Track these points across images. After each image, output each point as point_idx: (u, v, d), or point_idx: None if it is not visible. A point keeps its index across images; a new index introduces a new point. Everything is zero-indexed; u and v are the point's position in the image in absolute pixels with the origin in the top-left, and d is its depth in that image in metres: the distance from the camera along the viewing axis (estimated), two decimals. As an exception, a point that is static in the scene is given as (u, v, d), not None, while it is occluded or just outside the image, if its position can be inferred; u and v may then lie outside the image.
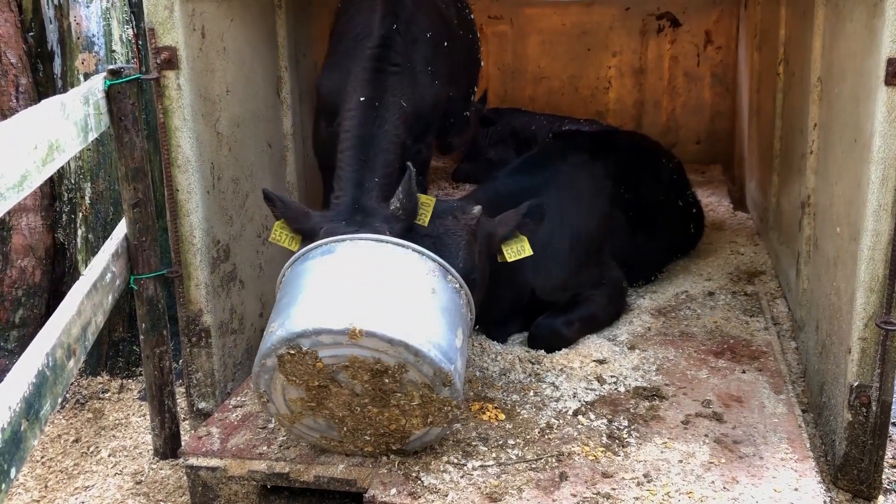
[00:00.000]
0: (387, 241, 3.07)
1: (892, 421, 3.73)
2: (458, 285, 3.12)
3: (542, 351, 3.96)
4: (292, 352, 2.84)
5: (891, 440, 3.65)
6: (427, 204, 3.46)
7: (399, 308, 2.89)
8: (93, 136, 3.09)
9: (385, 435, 3.04)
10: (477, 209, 3.54)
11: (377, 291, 2.92)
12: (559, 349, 3.98)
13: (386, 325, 2.80)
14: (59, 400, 2.56)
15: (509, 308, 4.13)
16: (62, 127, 2.72)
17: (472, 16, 4.86)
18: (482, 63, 5.02)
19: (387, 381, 2.88)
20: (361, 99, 3.54)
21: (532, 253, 3.67)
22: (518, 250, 3.67)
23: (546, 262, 4.09)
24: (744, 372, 3.72)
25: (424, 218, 3.45)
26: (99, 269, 3.16)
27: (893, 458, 3.58)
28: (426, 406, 2.94)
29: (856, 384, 3.08)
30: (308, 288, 2.97)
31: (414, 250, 3.06)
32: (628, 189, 4.60)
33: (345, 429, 3.03)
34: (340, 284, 2.95)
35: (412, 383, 2.89)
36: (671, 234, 4.92)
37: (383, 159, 3.47)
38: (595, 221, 4.35)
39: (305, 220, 3.34)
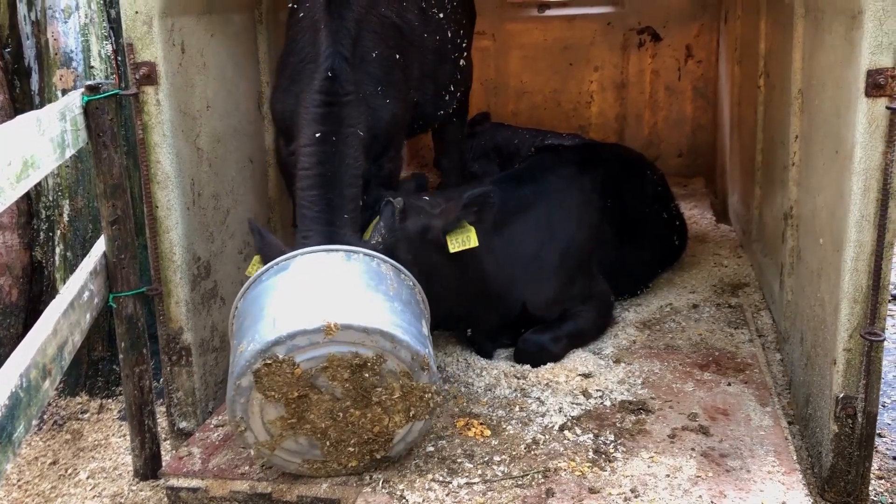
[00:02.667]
0: (337, 250, 3.12)
1: (878, 432, 3.73)
2: (411, 283, 3.21)
3: (528, 366, 3.94)
4: (269, 362, 2.81)
5: (877, 451, 3.65)
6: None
7: (366, 302, 2.95)
8: (70, 152, 3.04)
9: (369, 442, 3.01)
10: (398, 201, 3.48)
11: (341, 292, 2.98)
12: (545, 364, 3.95)
13: (359, 316, 2.85)
14: (34, 422, 2.50)
15: (497, 321, 4.10)
16: (37, 143, 2.68)
17: (451, 12, 4.57)
18: (466, 50, 4.81)
19: (367, 375, 2.89)
20: (317, 135, 3.44)
21: (477, 244, 3.59)
22: (463, 241, 3.59)
23: (537, 275, 4.07)
24: (729, 384, 3.70)
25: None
26: (76, 287, 3.11)
27: (880, 469, 3.57)
28: (407, 397, 2.96)
29: (841, 396, 3.08)
30: (271, 303, 2.98)
31: (366, 254, 3.13)
32: (615, 202, 4.60)
33: (328, 443, 2.99)
34: (305, 292, 2.98)
35: (392, 374, 2.92)
36: (656, 246, 4.93)
37: (349, 194, 3.42)
38: (584, 235, 4.34)
39: (280, 255, 3.23)
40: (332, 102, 3.49)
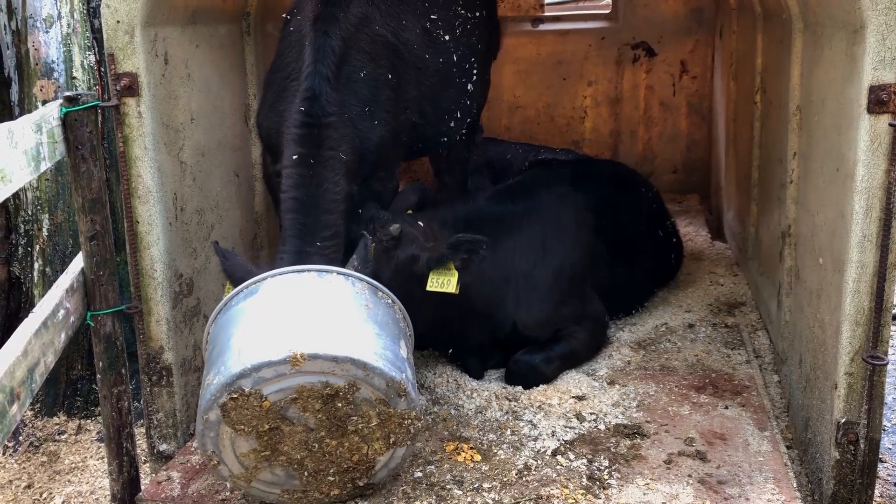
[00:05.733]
0: (308, 270, 3.01)
1: (879, 457, 3.64)
2: (390, 300, 3.08)
3: (520, 387, 3.84)
4: (234, 395, 2.70)
5: (878, 477, 3.55)
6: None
7: (337, 328, 2.83)
8: (46, 165, 2.94)
9: (349, 470, 2.89)
10: (395, 228, 3.41)
11: (311, 317, 2.85)
12: (537, 385, 3.85)
13: (327, 344, 2.72)
14: (0, 449, 2.39)
15: (488, 340, 4.00)
16: (9, 156, 2.57)
17: (462, 35, 4.43)
18: (478, 76, 4.72)
19: (340, 405, 2.76)
20: (294, 157, 3.36)
21: (457, 292, 3.45)
22: (441, 283, 3.45)
23: (528, 294, 3.97)
24: (726, 407, 3.61)
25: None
26: (51, 305, 2.99)
27: (881, 496, 3.49)
28: (386, 424, 2.83)
29: (843, 421, 2.99)
30: (238, 332, 2.86)
31: (338, 273, 3.02)
32: (609, 219, 4.51)
33: (306, 473, 2.87)
34: (272, 318, 2.87)
35: (367, 402, 2.79)
36: (651, 264, 4.84)
37: (325, 221, 3.32)
38: (578, 253, 4.24)
39: (245, 275, 3.14)
40: (311, 124, 3.40)
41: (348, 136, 3.50)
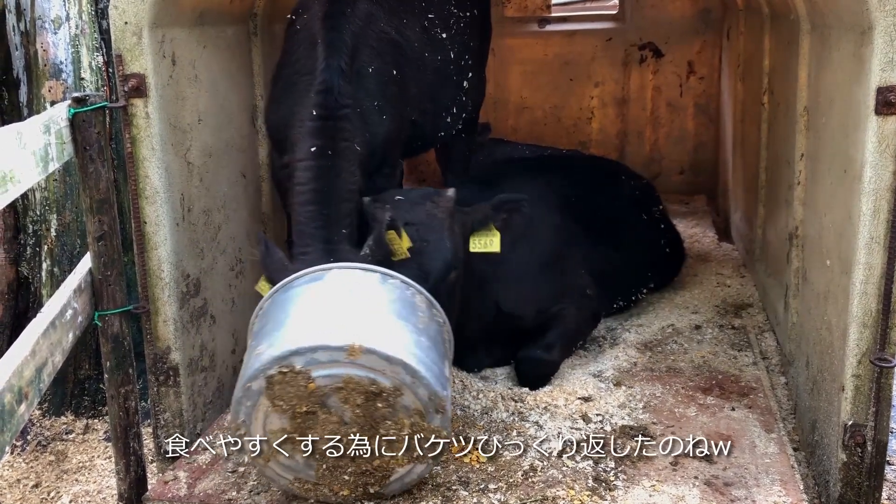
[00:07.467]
0: (375, 271, 3.04)
1: (887, 460, 3.62)
2: (441, 320, 3.11)
3: (526, 388, 3.84)
4: (284, 370, 2.71)
5: (885, 480, 3.54)
6: (395, 240, 3.39)
7: (395, 331, 2.85)
8: (54, 166, 2.95)
9: (365, 474, 2.89)
10: (451, 191, 3.49)
11: (372, 315, 2.89)
12: (550, 376, 3.89)
13: (385, 343, 2.76)
14: (8, 448, 2.40)
15: (477, 327, 3.99)
16: (18, 157, 2.58)
17: (457, 33, 4.52)
18: (473, 74, 4.75)
19: (380, 405, 2.78)
20: (312, 149, 3.39)
21: (500, 251, 3.57)
22: (485, 243, 3.55)
23: (507, 274, 4.02)
24: (733, 409, 3.60)
25: (400, 252, 3.37)
26: (58, 305, 3.00)
27: (888, 498, 3.47)
28: (415, 436, 2.84)
29: (850, 423, 2.98)
30: (297, 311, 2.90)
31: (402, 281, 3.05)
32: (580, 200, 4.61)
33: (324, 466, 2.87)
34: (334, 306, 2.90)
35: (405, 410, 2.80)
36: (642, 250, 4.85)
37: (346, 210, 3.37)
38: (550, 233, 4.32)
39: (282, 273, 3.17)
40: (327, 116, 3.44)
41: (360, 129, 3.54)
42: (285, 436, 2.83)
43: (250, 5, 4.17)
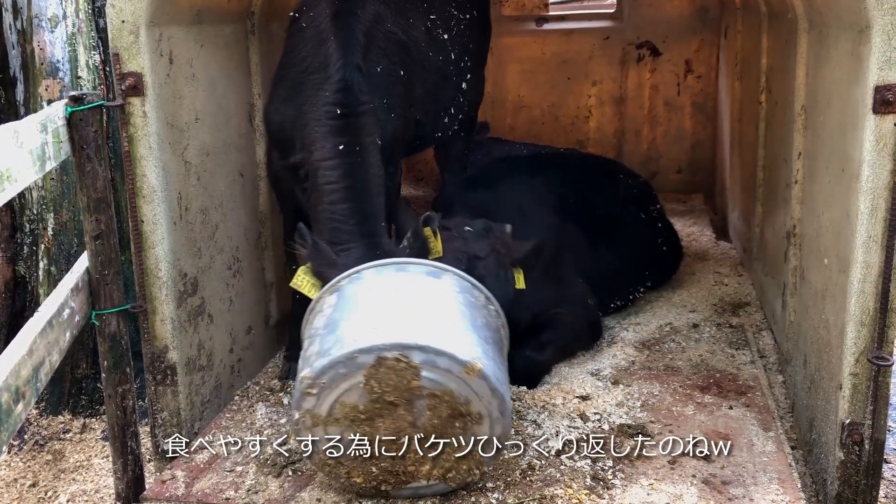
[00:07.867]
0: (472, 283, 3.14)
1: (884, 458, 3.63)
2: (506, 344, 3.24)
3: (524, 387, 3.83)
4: (399, 359, 2.71)
5: (883, 478, 3.54)
6: (431, 238, 3.45)
7: (500, 364, 2.94)
8: (51, 165, 2.94)
9: (389, 472, 2.87)
10: (508, 228, 3.66)
11: (485, 337, 2.94)
12: (540, 377, 3.89)
13: (495, 375, 2.81)
14: (5, 447, 2.39)
15: None
16: (15, 155, 2.58)
17: (458, 35, 4.57)
18: (472, 75, 4.76)
19: (458, 425, 2.81)
20: (340, 147, 3.41)
21: (525, 287, 3.71)
22: (518, 280, 3.71)
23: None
24: (731, 408, 3.61)
25: (437, 249, 3.44)
26: (56, 304, 3.00)
27: (886, 496, 3.48)
28: (463, 464, 2.86)
29: (847, 422, 2.98)
30: (419, 303, 2.93)
31: (487, 297, 3.17)
32: (577, 199, 4.63)
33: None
34: (455, 313, 2.95)
35: (474, 437, 2.84)
36: (640, 248, 4.85)
37: (379, 204, 3.43)
38: (545, 235, 4.26)
39: (333, 268, 3.20)
40: (347, 114, 3.47)
41: (377, 124, 3.58)
42: (354, 413, 2.79)
43: (248, 4, 4.16)
